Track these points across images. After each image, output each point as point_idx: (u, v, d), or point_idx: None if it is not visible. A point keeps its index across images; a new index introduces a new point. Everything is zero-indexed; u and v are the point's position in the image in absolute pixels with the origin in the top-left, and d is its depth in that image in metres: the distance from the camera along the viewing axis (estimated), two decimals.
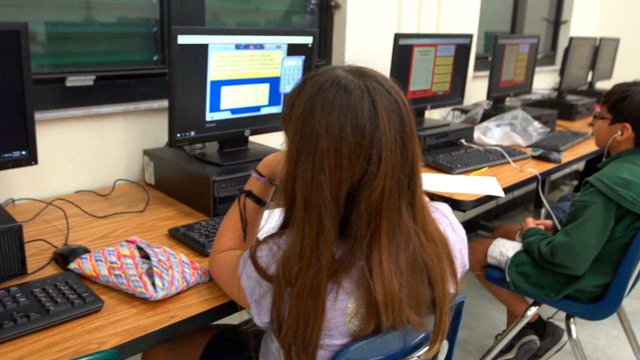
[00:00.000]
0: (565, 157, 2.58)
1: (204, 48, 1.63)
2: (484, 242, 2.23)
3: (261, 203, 1.25)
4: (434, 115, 3.15)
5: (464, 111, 3.09)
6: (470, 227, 3.86)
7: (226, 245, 1.22)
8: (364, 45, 2.64)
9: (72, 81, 1.81)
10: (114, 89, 1.92)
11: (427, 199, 1.58)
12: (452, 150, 2.40)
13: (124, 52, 2.02)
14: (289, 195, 0.99)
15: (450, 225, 1.14)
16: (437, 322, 1.02)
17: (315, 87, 0.97)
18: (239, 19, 2.43)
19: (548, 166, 2.42)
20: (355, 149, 0.91)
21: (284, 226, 1.03)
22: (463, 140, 2.52)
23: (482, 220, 3.97)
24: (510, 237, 2.25)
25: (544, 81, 4.32)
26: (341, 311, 0.95)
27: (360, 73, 0.98)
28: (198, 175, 1.66)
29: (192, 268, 1.25)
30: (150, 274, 1.19)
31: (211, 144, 1.91)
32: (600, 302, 1.93)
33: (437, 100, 2.61)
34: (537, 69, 4.26)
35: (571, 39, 3.55)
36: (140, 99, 1.95)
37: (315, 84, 0.98)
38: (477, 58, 3.53)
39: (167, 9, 2.01)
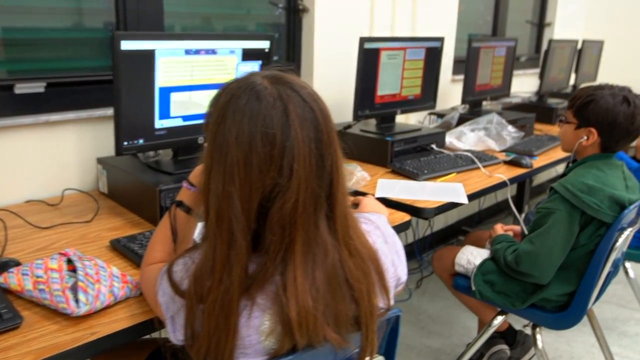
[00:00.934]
0: (539, 161, 2.54)
1: (150, 54, 1.58)
2: (452, 249, 2.18)
3: (193, 213, 1.21)
4: (410, 119, 3.12)
5: (441, 115, 3.05)
6: (452, 232, 3.82)
7: (155, 257, 1.18)
8: (333, 49, 2.60)
9: (21, 88, 1.76)
10: (67, 96, 1.88)
11: (376, 207, 1.55)
12: (421, 156, 2.35)
13: (79, 58, 1.99)
14: (205, 207, 0.95)
15: (382, 237, 1.10)
16: (363, 339, 0.98)
17: (228, 94, 0.93)
18: (227, 24, 2.42)
19: (519, 171, 2.38)
20: (265, 160, 0.87)
21: (204, 239, 0.99)
22: (434, 146, 2.48)
23: (465, 226, 3.92)
24: (481, 244, 2.21)
25: (529, 84, 4.29)
26: (256, 329, 0.91)
27: (277, 80, 0.93)
28: (146, 184, 1.62)
29: (122, 282, 1.21)
30: (75, 288, 1.15)
31: (167, 152, 1.87)
32: (565, 311, 1.88)
33: (407, 105, 2.57)
34: (521, 71, 4.24)
35: (550, 41, 3.51)
36: (95, 106, 1.91)
37: (229, 90, 0.94)
38: (458, 61, 3.49)
39: (122, 13, 1.97)
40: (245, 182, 0.88)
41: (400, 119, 2.82)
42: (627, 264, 2.62)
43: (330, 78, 2.62)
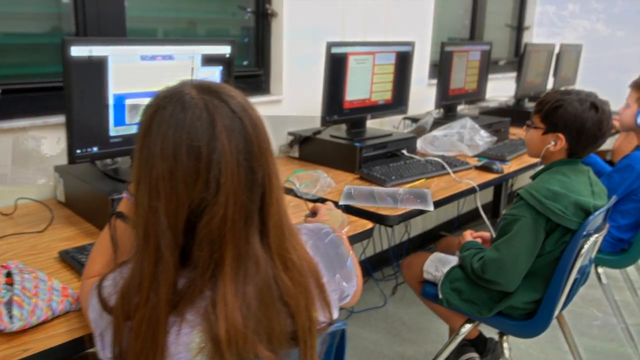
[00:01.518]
0: (511, 166, 2.53)
1: (102, 60, 1.55)
2: (422, 256, 2.16)
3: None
4: (386, 124, 3.09)
5: (416, 120, 3.03)
6: (431, 237, 3.80)
7: (94, 270, 1.14)
8: (303, 54, 2.57)
9: None
10: (22, 102, 1.83)
11: (332, 216, 1.52)
12: (390, 162, 2.33)
13: (36, 64, 1.94)
14: (134, 222, 0.91)
15: (323, 249, 1.06)
16: (301, 355, 0.95)
17: (155, 105, 0.90)
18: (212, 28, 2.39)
19: (489, 177, 2.36)
20: (191, 173, 0.84)
21: (133, 255, 0.96)
22: (404, 151, 2.46)
23: (443, 231, 3.90)
24: (452, 251, 2.18)
25: (508, 88, 4.27)
26: (185, 346, 0.87)
27: (206, 89, 0.90)
28: (100, 193, 1.58)
29: (62, 295, 1.17)
30: (10, 303, 1.11)
31: (125, 159, 1.83)
32: (531, 319, 1.86)
33: (377, 110, 2.54)
34: (500, 75, 4.23)
35: (525, 45, 3.50)
36: (51, 113, 1.87)
37: (156, 100, 0.91)
38: (436, 65, 3.47)
39: (82, 18, 1.93)
40: (171, 197, 0.85)
41: (375, 124, 2.80)
42: (600, 270, 2.61)
43: (300, 83, 2.59)
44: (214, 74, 1.83)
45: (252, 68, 2.57)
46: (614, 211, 2.49)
